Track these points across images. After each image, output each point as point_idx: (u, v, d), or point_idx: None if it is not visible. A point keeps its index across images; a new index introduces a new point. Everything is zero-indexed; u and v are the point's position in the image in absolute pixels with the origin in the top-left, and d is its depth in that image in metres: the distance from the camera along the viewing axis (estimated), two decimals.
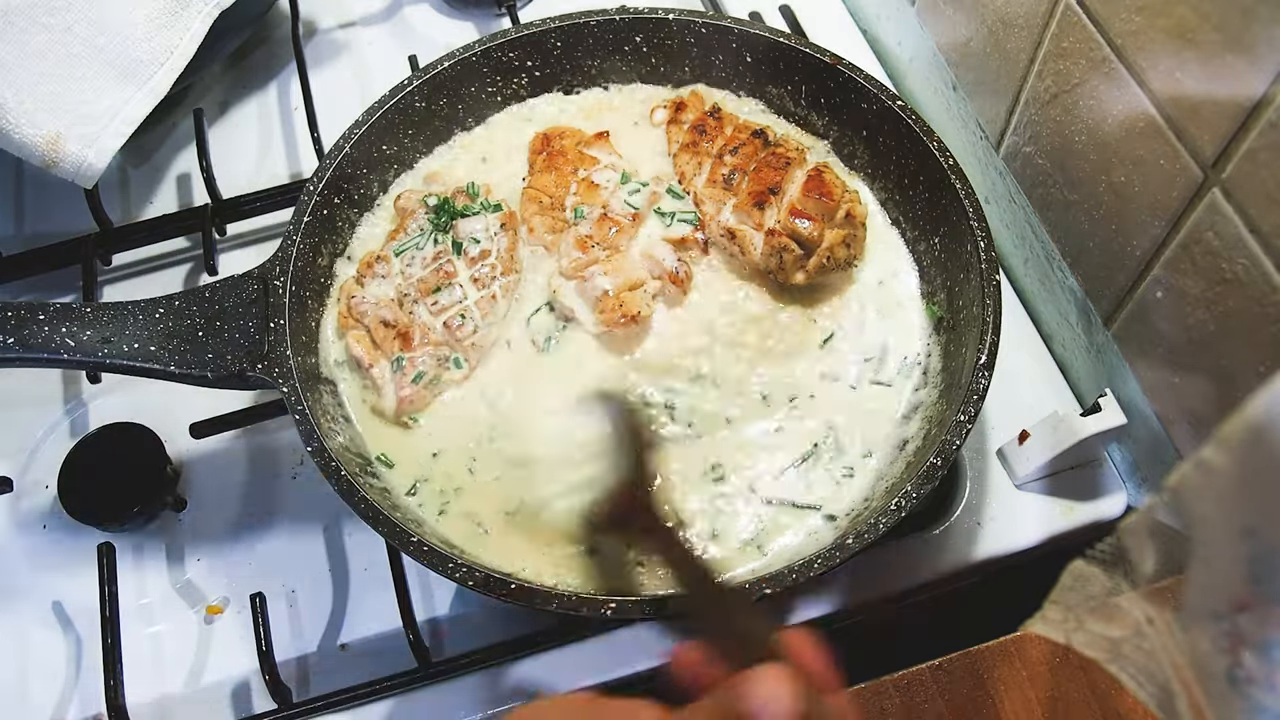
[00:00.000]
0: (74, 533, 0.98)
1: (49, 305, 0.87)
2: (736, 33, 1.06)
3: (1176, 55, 0.76)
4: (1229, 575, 0.52)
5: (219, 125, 1.27)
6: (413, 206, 1.01)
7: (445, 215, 1.00)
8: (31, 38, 1.03)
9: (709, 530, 0.87)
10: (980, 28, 1.04)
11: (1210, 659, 0.54)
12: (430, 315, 0.95)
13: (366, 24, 1.35)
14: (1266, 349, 0.75)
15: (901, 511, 0.79)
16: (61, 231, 1.17)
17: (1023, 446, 0.96)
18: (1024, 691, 0.82)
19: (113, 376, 1.05)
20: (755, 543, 0.87)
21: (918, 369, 0.95)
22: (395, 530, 0.79)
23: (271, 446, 1.03)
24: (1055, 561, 0.64)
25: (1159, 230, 0.84)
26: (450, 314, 0.95)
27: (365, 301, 0.95)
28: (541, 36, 1.07)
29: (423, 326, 0.94)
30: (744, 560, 0.86)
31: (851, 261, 0.99)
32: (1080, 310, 1.00)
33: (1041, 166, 0.99)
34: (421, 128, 1.07)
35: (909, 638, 0.96)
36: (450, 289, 0.95)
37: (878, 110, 1.01)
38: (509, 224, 1.00)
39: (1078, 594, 0.62)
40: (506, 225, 0.99)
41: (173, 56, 1.10)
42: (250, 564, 0.98)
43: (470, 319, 0.94)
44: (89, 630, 0.95)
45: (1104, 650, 0.61)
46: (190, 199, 1.21)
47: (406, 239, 0.99)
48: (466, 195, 1.02)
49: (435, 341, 0.94)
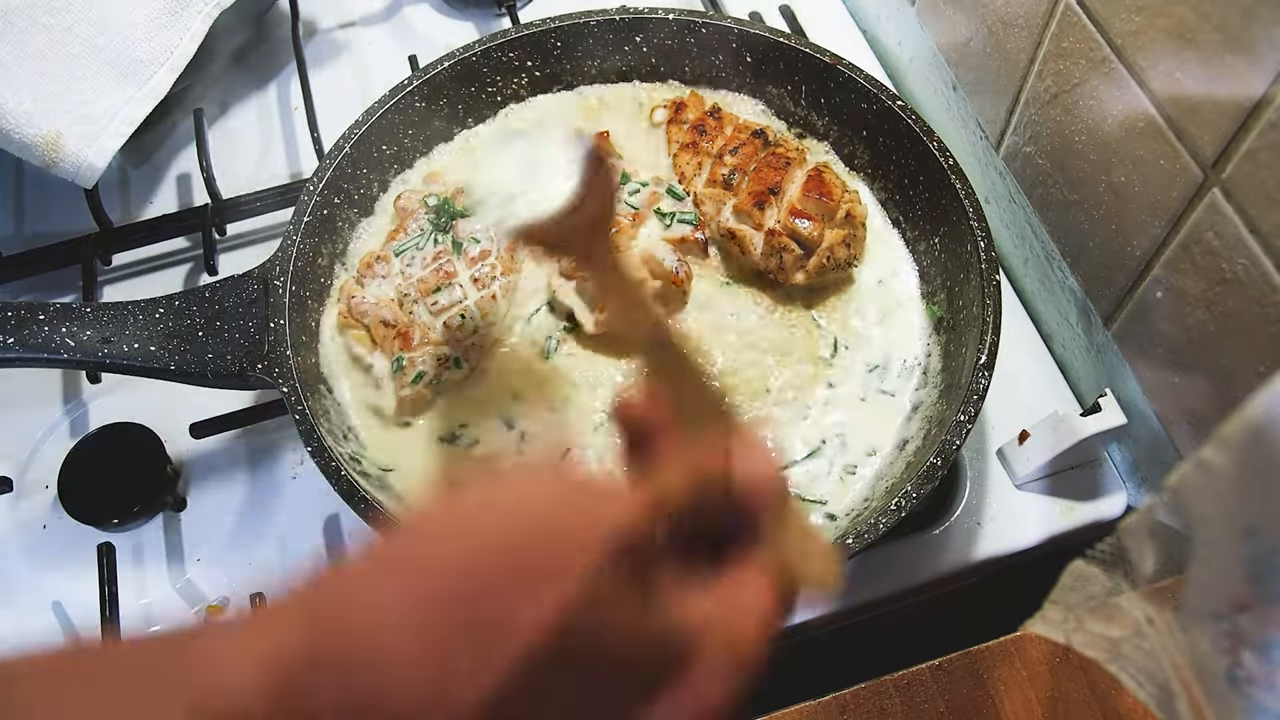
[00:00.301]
0: (74, 533, 0.97)
1: (49, 305, 0.87)
2: (736, 33, 1.06)
3: (1176, 55, 0.76)
4: (1229, 575, 0.52)
5: (219, 125, 1.27)
6: (413, 206, 1.01)
7: (445, 215, 0.99)
8: (31, 38, 1.03)
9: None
10: (980, 28, 1.04)
11: (1210, 659, 0.54)
12: (430, 315, 0.95)
13: (366, 24, 1.35)
14: (1266, 349, 0.75)
15: (901, 511, 0.79)
16: (61, 231, 1.17)
17: (1023, 446, 0.96)
18: (1024, 691, 0.82)
19: (113, 376, 1.04)
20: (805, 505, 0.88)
21: (918, 369, 0.95)
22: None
23: (271, 446, 1.03)
24: (1055, 561, 0.64)
25: (1159, 230, 0.84)
26: (450, 314, 0.94)
27: (365, 301, 0.95)
28: (541, 36, 1.07)
29: (423, 326, 0.94)
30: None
31: (852, 261, 0.99)
32: (1080, 310, 1.00)
33: (1041, 166, 0.99)
34: (421, 128, 1.07)
35: (909, 638, 0.96)
36: (450, 289, 0.95)
37: (878, 110, 1.01)
38: None
39: (1078, 594, 0.62)
40: None
41: (173, 56, 1.09)
42: (250, 564, 0.98)
43: (470, 319, 0.94)
44: (89, 630, 0.95)
45: (1104, 650, 0.61)
46: (190, 199, 1.21)
47: (406, 239, 0.99)
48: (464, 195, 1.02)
49: (435, 341, 0.94)
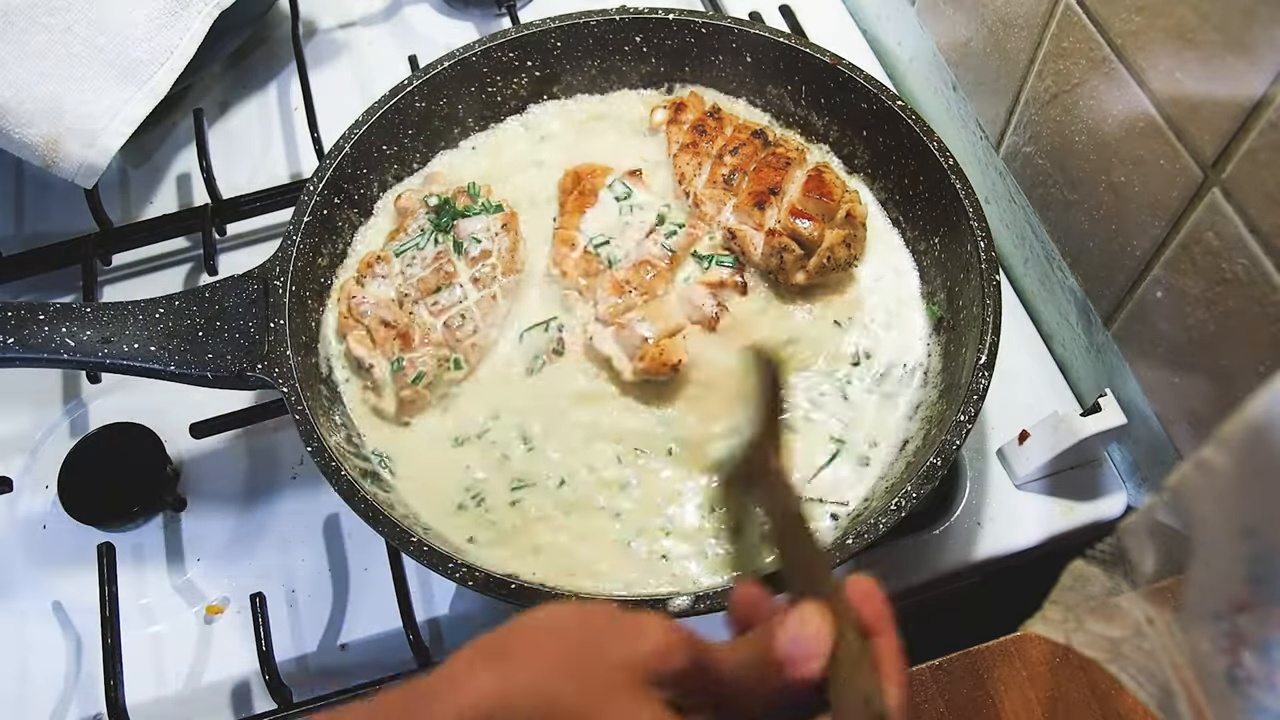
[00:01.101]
0: (74, 533, 0.98)
1: (49, 305, 0.87)
2: (736, 33, 1.06)
3: (1176, 55, 0.76)
4: (1229, 575, 0.52)
5: (219, 125, 1.27)
6: (413, 206, 1.01)
7: (446, 215, 0.99)
8: (31, 38, 1.03)
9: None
10: (980, 28, 1.04)
11: (1210, 659, 0.54)
12: (430, 315, 0.94)
13: (366, 24, 1.35)
14: (1266, 349, 0.75)
15: (901, 511, 0.79)
16: (61, 231, 1.17)
17: (1023, 446, 0.96)
18: (1024, 691, 0.82)
19: (113, 376, 1.05)
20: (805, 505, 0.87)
21: (918, 369, 0.95)
22: (395, 530, 0.79)
23: (271, 446, 1.03)
24: (1055, 561, 0.64)
25: (1159, 230, 0.84)
26: (450, 314, 0.94)
27: (365, 301, 0.95)
28: (541, 36, 1.07)
29: (423, 327, 0.94)
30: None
31: (852, 262, 0.99)
32: (1080, 310, 1.00)
33: (1041, 166, 0.99)
34: (421, 128, 1.07)
35: (909, 638, 0.96)
36: (451, 289, 0.95)
37: (878, 110, 1.01)
38: (510, 224, 1.00)
39: (1078, 594, 0.62)
40: (508, 226, 0.99)
41: (173, 56, 1.09)
42: (250, 564, 0.98)
43: (470, 319, 0.94)
44: (89, 630, 0.95)
45: (1104, 650, 0.61)
46: (190, 199, 1.21)
47: (407, 239, 0.99)
48: (467, 195, 1.01)
49: (435, 342, 0.94)
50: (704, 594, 0.77)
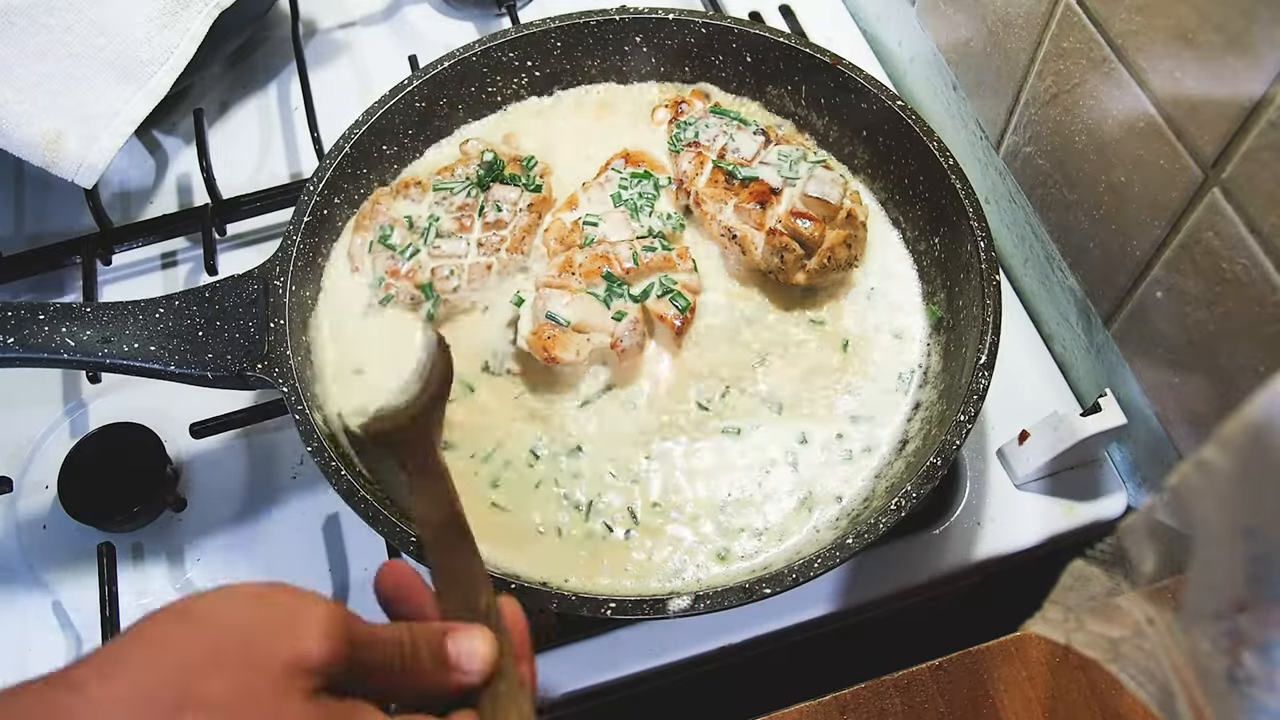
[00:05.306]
0: (74, 533, 0.98)
1: (49, 305, 0.87)
2: (736, 33, 1.06)
3: (1176, 55, 0.76)
4: (1229, 575, 0.52)
5: (219, 125, 1.27)
6: (473, 154, 1.04)
7: (491, 175, 1.01)
8: (31, 38, 1.03)
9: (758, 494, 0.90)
10: (980, 28, 1.04)
11: (1210, 659, 0.54)
12: (428, 256, 0.97)
13: (366, 24, 1.35)
14: (1266, 349, 0.75)
15: (901, 511, 0.79)
16: (61, 231, 1.17)
17: (1023, 446, 0.96)
18: (1024, 691, 0.82)
19: (113, 376, 1.05)
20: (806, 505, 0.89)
21: (918, 369, 0.95)
22: (395, 530, 0.79)
23: (271, 446, 1.03)
24: (1055, 561, 0.64)
25: (1159, 230, 0.84)
26: (444, 264, 0.97)
27: (385, 214, 0.99)
28: (541, 36, 1.08)
29: (415, 264, 0.97)
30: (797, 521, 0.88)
31: (853, 262, 0.99)
32: (1080, 310, 1.00)
33: (1041, 166, 0.99)
34: (421, 128, 1.07)
35: (909, 638, 0.96)
36: (456, 241, 0.98)
37: (878, 110, 1.01)
38: (538, 208, 1.01)
39: (1078, 594, 0.62)
40: (534, 208, 1.01)
41: (173, 56, 1.10)
42: (250, 564, 0.98)
43: (458, 277, 0.96)
44: (89, 630, 0.95)
45: (1104, 650, 0.61)
46: (190, 199, 1.21)
47: (451, 180, 1.02)
48: (521, 166, 1.03)
49: (417, 283, 0.96)
50: (704, 594, 0.77)
